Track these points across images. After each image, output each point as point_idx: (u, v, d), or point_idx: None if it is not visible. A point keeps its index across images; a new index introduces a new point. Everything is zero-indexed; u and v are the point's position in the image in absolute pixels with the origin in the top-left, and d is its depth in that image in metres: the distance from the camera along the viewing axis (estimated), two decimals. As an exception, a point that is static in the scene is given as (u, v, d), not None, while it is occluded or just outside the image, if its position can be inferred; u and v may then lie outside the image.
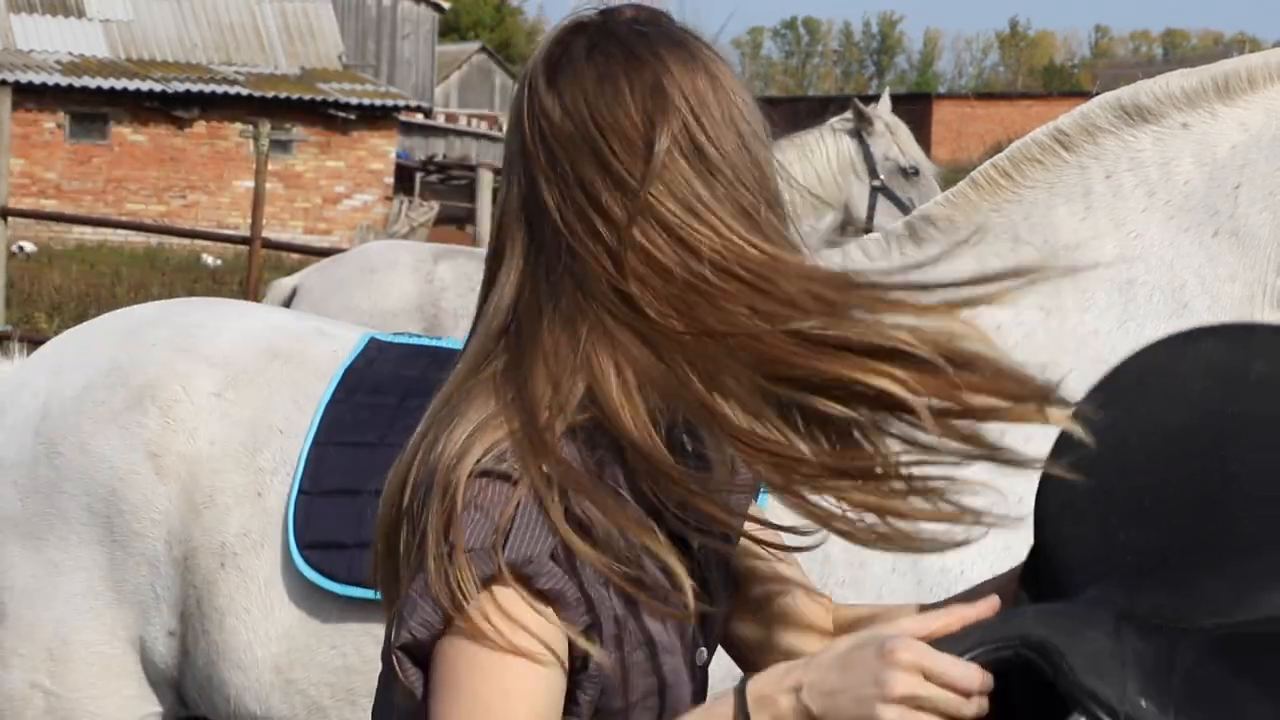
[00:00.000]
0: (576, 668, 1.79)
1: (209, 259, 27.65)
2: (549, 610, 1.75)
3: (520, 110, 1.85)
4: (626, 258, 1.77)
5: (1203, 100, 3.17)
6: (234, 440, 3.34)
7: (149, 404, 3.37)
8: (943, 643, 1.75)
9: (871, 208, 8.48)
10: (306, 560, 3.24)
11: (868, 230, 8.08)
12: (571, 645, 1.77)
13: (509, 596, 1.74)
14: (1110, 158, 3.19)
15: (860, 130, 8.57)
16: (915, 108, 63.35)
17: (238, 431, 3.35)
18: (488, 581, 1.73)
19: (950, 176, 7.89)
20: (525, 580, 1.74)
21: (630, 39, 1.84)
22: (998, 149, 3.32)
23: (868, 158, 8.51)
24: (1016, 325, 3.18)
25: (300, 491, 3.25)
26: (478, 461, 1.76)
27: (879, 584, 3.08)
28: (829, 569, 3.09)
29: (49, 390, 3.46)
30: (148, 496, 3.33)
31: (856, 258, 3.36)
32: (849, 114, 8.71)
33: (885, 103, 8.77)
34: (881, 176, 8.53)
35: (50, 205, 32.39)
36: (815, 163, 8.39)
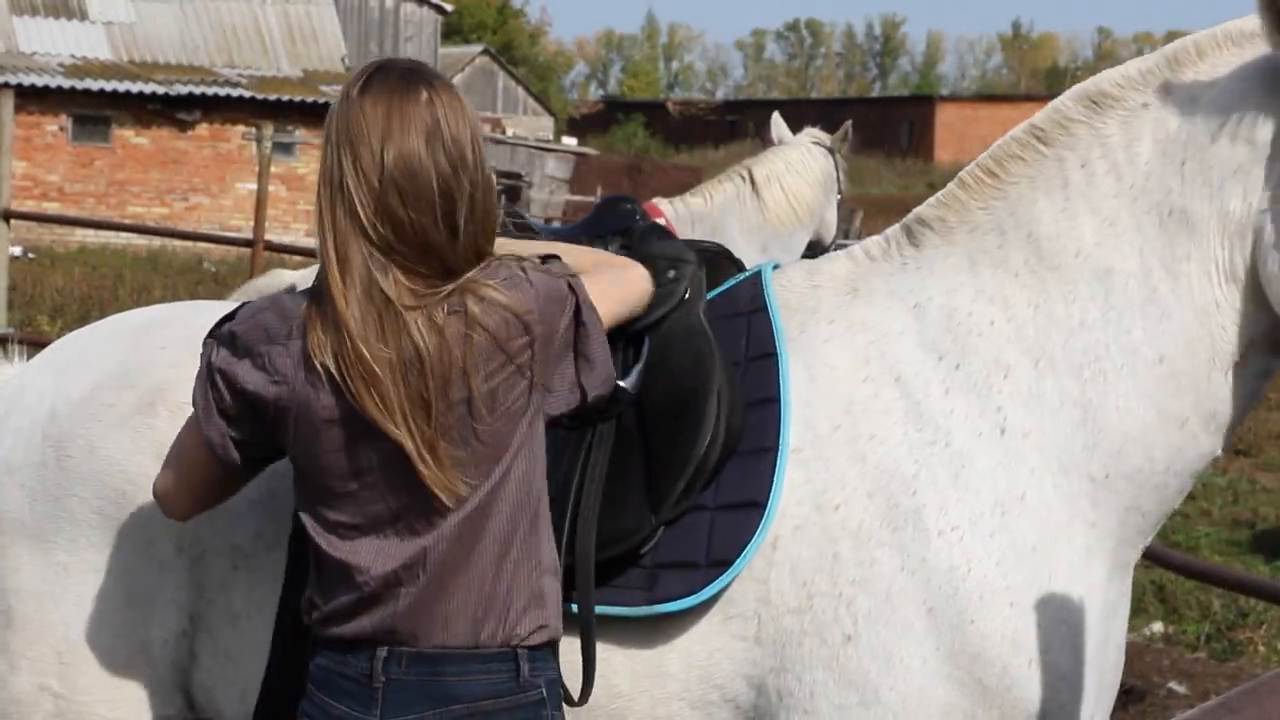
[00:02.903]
0: None
1: (211, 262, 27.66)
2: None
3: None
4: None
5: (1157, 77, 3.19)
6: None
7: (160, 406, 3.37)
8: None
9: (845, 228, 8.82)
10: None
11: (837, 245, 8.23)
12: None
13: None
14: (1084, 147, 3.21)
15: (834, 150, 8.82)
16: (918, 110, 63.38)
17: None
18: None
19: (953, 179, 7.95)
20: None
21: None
22: (1000, 152, 3.37)
23: (838, 176, 8.78)
24: (1007, 321, 3.21)
25: None
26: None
27: (887, 582, 3.09)
28: (839, 568, 3.11)
29: (55, 392, 3.45)
30: None
31: (860, 258, 3.40)
32: (814, 131, 8.94)
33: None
34: (841, 194, 8.81)
35: (53, 208, 32.42)
36: (806, 177, 8.57)
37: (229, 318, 2.96)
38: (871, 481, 3.13)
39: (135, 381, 3.40)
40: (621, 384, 3.16)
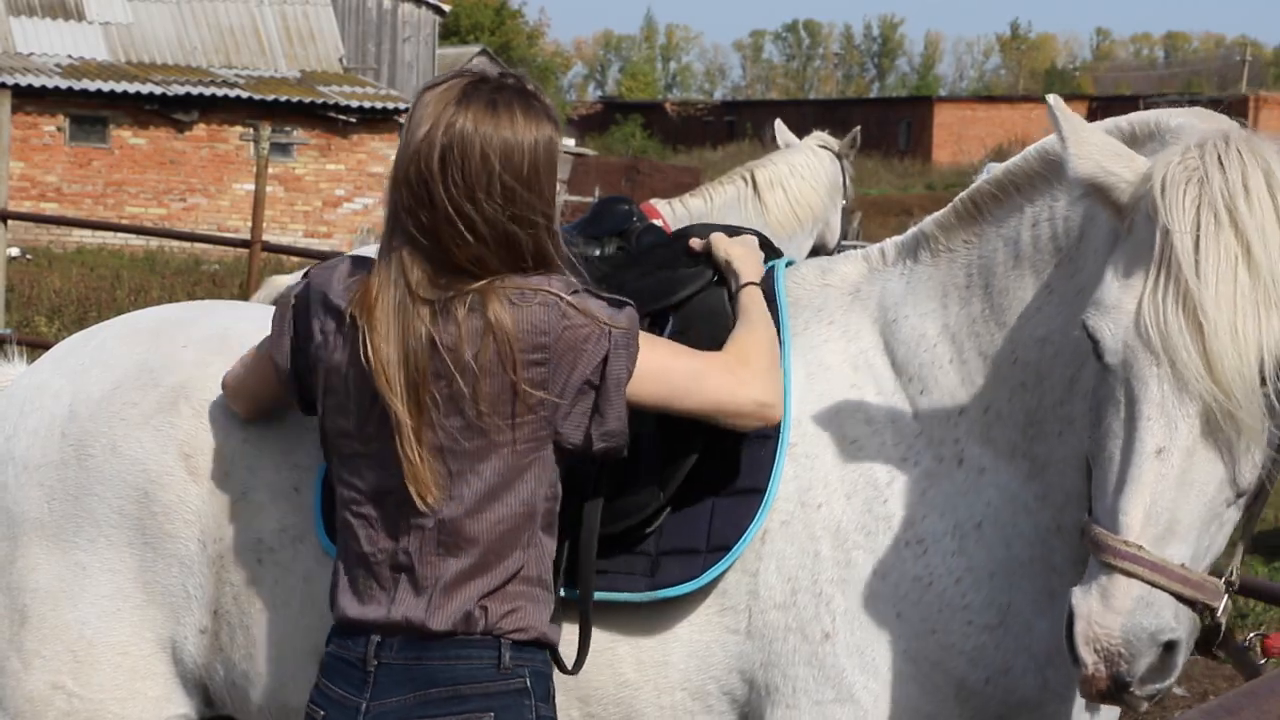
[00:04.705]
0: None
1: (208, 263, 27.66)
2: None
3: None
4: None
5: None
6: (269, 438, 3.38)
7: (182, 404, 3.40)
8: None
9: (844, 230, 8.79)
10: None
11: (840, 249, 8.26)
12: None
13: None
14: (1040, 204, 3.20)
15: (842, 155, 8.82)
16: (916, 111, 63.41)
17: (273, 430, 3.38)
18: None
19: (951, 180, 7.99)
20: None
21: None
22: (999, 152, 3.32)
23: (844, 182, 8.77)
24: (963, 364, 3.26)
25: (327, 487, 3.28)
26: None
27: (862, 584, 3.19)
28: (820, 566, 3.19)
29: (73, 392, 3.47)
30: (181, 497, 3.36)
31: (873, 258, 3.46)
32: (821, 135, 8.92)
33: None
34: (848, 200, 8.81)
35: (50, 208, 32.40)
36: (811, 181, 8.57)
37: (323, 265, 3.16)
38: (850, 484, 3.22)
39: (159, 380, 3.43)
40: None
